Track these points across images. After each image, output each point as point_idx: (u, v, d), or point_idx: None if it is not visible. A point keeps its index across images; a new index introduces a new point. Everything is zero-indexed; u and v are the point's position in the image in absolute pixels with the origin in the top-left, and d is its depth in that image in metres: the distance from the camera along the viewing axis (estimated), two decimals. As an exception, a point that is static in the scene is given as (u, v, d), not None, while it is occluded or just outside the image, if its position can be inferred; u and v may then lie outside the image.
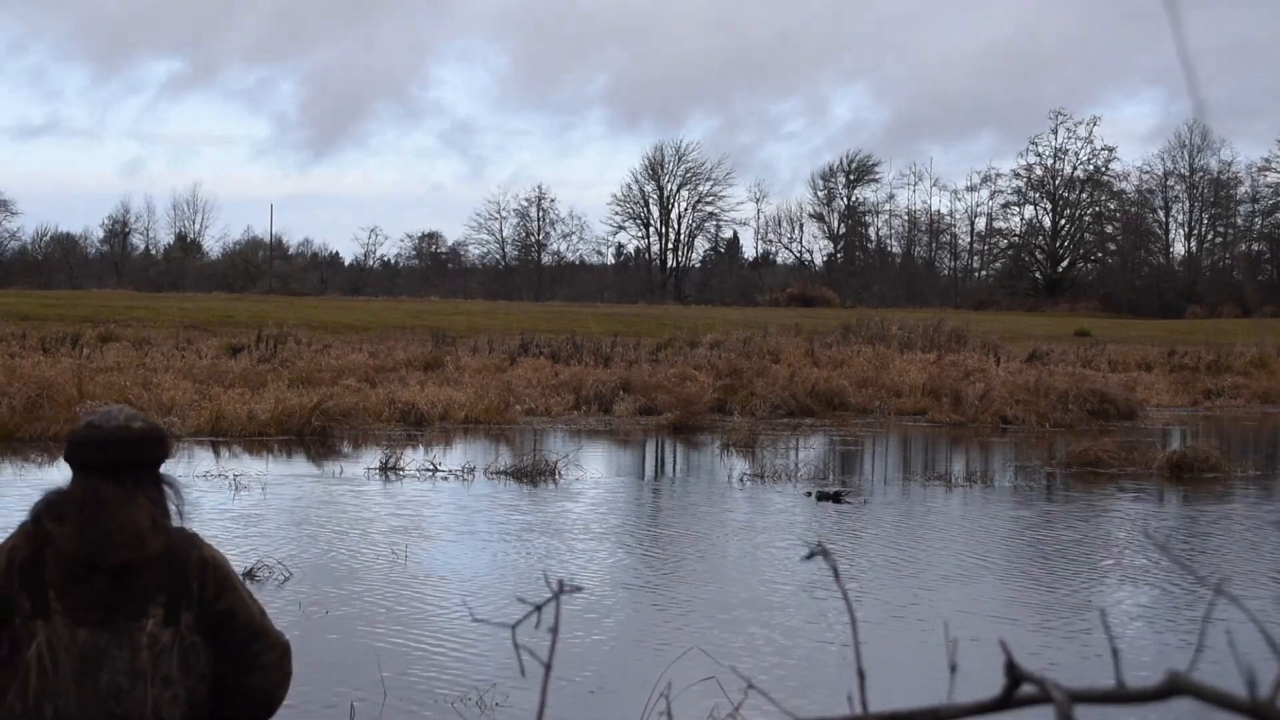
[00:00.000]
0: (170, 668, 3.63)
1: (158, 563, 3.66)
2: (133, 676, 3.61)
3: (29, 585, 3.64)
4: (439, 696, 7.08)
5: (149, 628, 3.65)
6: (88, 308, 47.02)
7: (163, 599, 3.66)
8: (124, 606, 3.65)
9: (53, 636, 3.62)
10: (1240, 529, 13.63)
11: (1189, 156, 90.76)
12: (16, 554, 3.66)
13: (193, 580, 3.69)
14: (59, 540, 3.62)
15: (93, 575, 3.62)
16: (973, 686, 1.95)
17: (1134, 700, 1.36)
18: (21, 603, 3.63)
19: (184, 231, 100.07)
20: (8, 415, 19.63)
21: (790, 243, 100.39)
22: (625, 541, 12.38)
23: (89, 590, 3.63)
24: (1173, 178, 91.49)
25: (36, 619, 3.63)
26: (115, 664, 3.62)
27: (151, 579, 3.66)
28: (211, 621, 3.66)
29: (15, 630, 3.61)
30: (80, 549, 3.60)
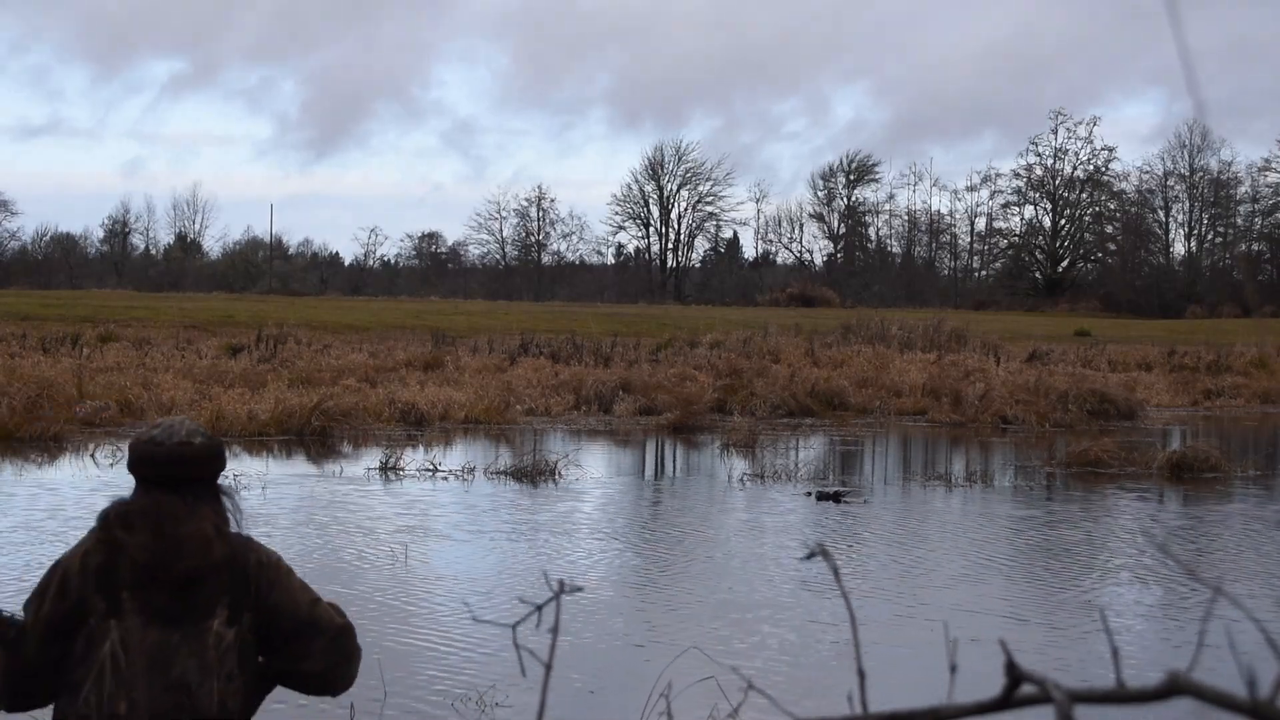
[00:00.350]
0: (233, 664, 3.91)
1: (222, 568, 3.94)
2: (201, 672, 3.88)
3: (103, 588, 3.89)
4: (439, 696, 7.08)
5: (215, 627, 3.93)
6: (88, 308, 47.02)
7: (226, 601, 3.93)
8: (192, 608, 3.92)
9: (125, 635, 3.88)
10: (1240, 529, 13.63)
11: (1189, 156, 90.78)
12: (90, 559, 3.92)
13: (252, 583, 3.98)
14: (131, 549, 3.88)
15: (164, 581, 3.89)
16: (973, 686, 1.95)
17: (1134, 700, 1.36)
18: (96, 604, 3.88)
19: (184, 231, 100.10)
20: (8, 415, 19.63)
21: (790, 243, 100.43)
22: (625, 541, 12.39)
23: (160, 594, 3.89)
24: (1173, 178, 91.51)
25: (110, 619, 3.88)
26: (184, 661, 3.89)
27: (216, 583, 3.93)
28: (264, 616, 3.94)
29: (90, 629, 3.86)
30: (152, 558, 3.87)
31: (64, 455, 17.96)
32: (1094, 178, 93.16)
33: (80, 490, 14.72)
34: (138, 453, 3.95)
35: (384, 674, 7.23)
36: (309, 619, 4.00)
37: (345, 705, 6.88)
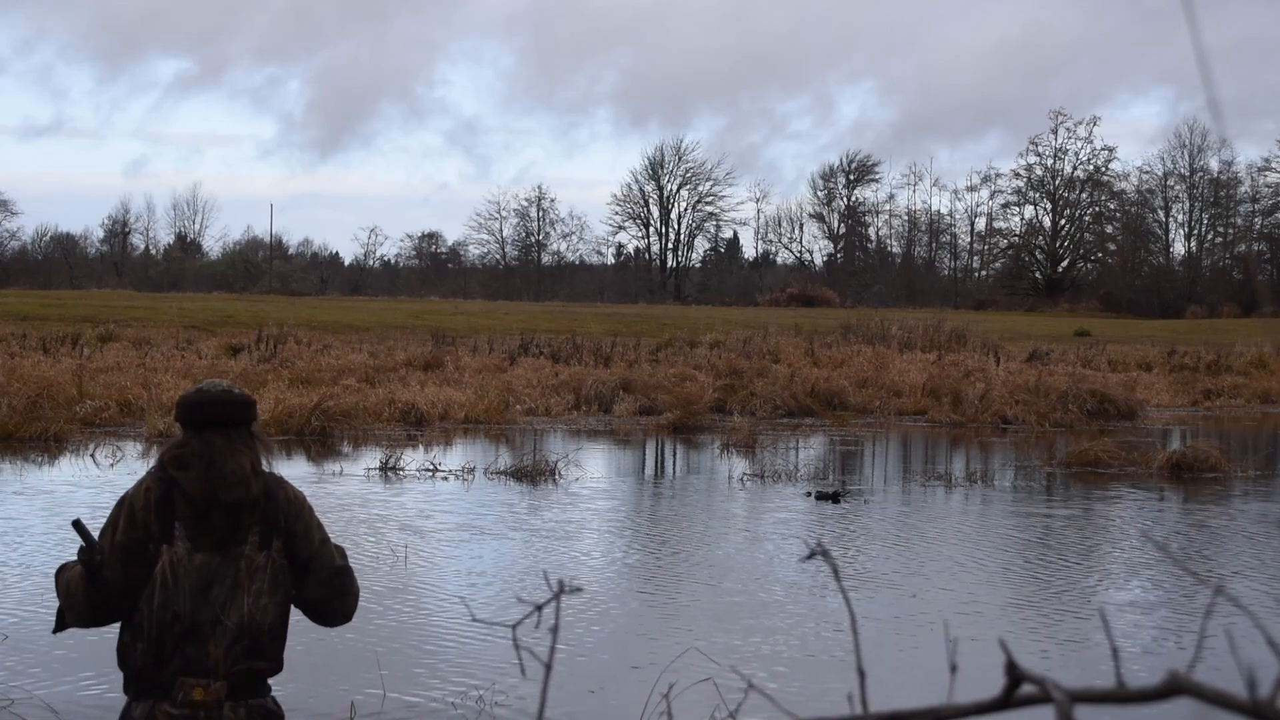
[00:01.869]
0: (263, 583, 4.57)
1: (258, 500, 4.61)
2: (235, 589, 4.55)
3: (160, 518, 4.60)
4: (439, 696, 7.07)
5: (247, 552, 4.58)
6: (88, 308, 47.02)
7: (258, 529, 4.60)
8: (231, 535, 4.58)
9: (175, 558, 4.57)
10: (1240, 529, 13.63)
11: (1189, 156, 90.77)
12: (151, 494, 4.62)
13: (280, 514, 4.65)
14: (185, 484, 4.58)
15: (211, 511, 4.58)
16: (973, 686, 1.95)
17: (1134, 700, 1.36)
18: (154, 531, 4.59)
19: (184, 231, 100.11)
20: (8, 415, 19.63)
21: (790, 243, 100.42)
22: (625, 541, 12.39)
23: (207, 523, 4.58)
24: (1172, 178, 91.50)
25: (163, 544, 4.58)
26: (223, 580, 4.56)
27: (252, 513, 4.60)
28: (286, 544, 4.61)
29: (149, 553, 4.57)
30: (203, 490, 4.56)
31: (64, 455, 17.96)
32: (1094, 178, 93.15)
33: (80, 490, 14.72)
34: (190, 400, 4.67)
35: (384, 673, 7.23)
36: (315, 554, 4.62)
37: (346, 704, 6.88)
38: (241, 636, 4.61)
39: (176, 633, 4.60)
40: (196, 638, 4.60)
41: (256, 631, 4.63)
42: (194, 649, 4.60)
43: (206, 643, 4.59)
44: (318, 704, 6.90)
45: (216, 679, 4.59)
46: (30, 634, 8.24)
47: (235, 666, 4.60)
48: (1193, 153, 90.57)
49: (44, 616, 8.72)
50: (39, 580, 9.87)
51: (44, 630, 8.32)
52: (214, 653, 4.60)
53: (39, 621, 8.58)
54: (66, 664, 7.53)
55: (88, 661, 7.55)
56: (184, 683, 4.58)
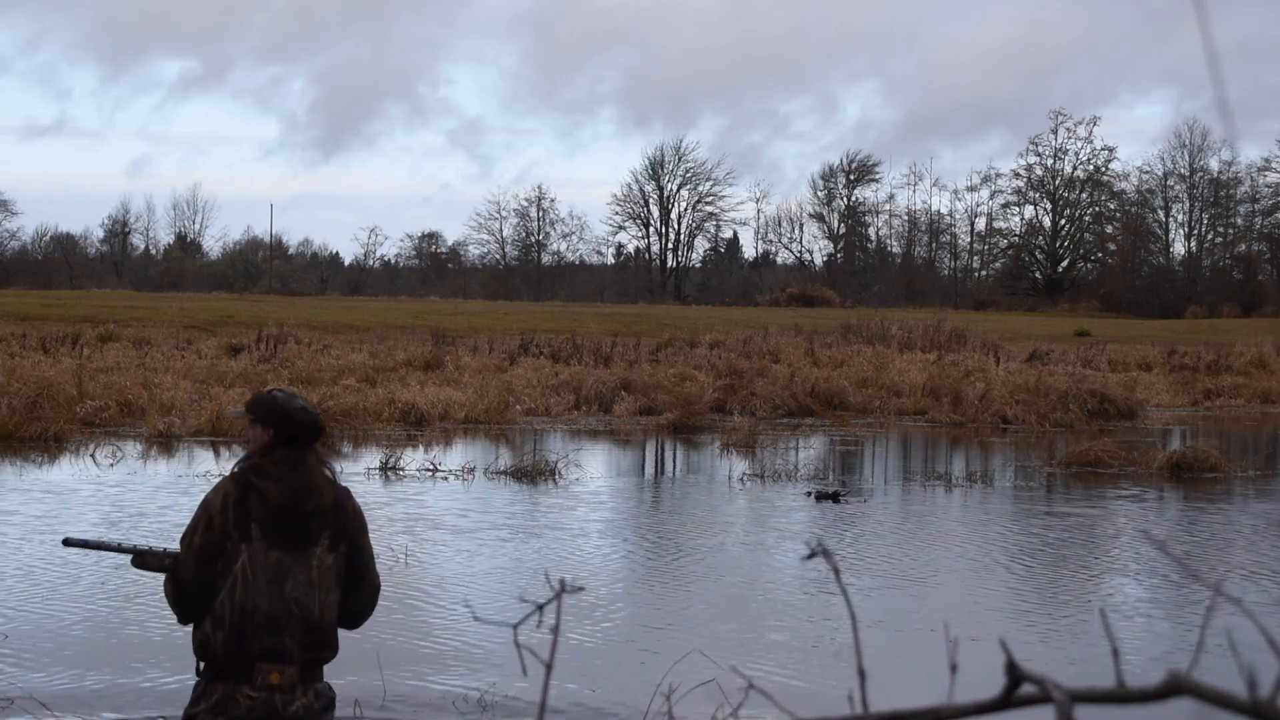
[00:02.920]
0: (331, 582, 5.10)
1: (331, 509, 5.13)
2: (307, 586, 5.07)
3: (238, 520, 5.05)
4: (440, 695, 7.08)
5: (319, 553, 5.11)
6: (88, 308, 47.02)
7: (329, 534, 5.12)
8: (304, 538, 5.10)
9: (252, 556, 5.03)
10: (1240, 529, 13.63)
11: (1189, 156, 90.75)
12: (229, 497, 5.08)
13: (349, 524, 5.18)
14: (266, 491, 5.07)
15: (287, 516, 5.07)
16: (973, 686, 1.95)
17: (1134, 700, 1.36)
18: (232, 532, 5.05)
19: (184, 231, 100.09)
20: (8, 415, 19.62)
21: (790, 243, 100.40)
22: (626, 541, 12.39)
23: (282, 525, 5.07)
24: (1172, 178, 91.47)
25: (241, 544, 5.04)
26: (296, 577, 5.06)
27: (324, 519, 5.12)
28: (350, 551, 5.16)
29: (227, 552, 5.02)
30: (283, 498, 5.07)
31: (64, 455, 17.96)
32: (1094, 178, 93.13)
33: (80, 491, 14.72)
34: (291, 415, 5.16)
35: (385, 673, 7.23)
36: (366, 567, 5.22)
37: (347, 704, 6.88)
38: (312, 629, 5.11)
39: (256, 623, 5.05)
40: (273, 628, 5.06)
41: (324, 625, 5.15)
42: (271, 638, 5.06)
43: (282, 633, 5.06)
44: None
45: (291, 665, 5.07)
46: (30, 634, 8.23)
47: (307, 655, 5.10)
48: (1193, 153, 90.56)
49: (45, 617, 8.72)
50: (39, 580, 9.87)
51: (44, 631, 8.32)
52: (289, 642, 5.08)
53: (39, 622, 8.58)
54: (66, 664, 7.53)
55: (87, 662, 7.55)
56: (262, 668, 5.04)
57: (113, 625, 8.49)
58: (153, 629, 8.33)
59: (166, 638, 7.91)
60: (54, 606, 9.02)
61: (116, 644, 7.92)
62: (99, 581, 9.76)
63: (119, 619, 8.65)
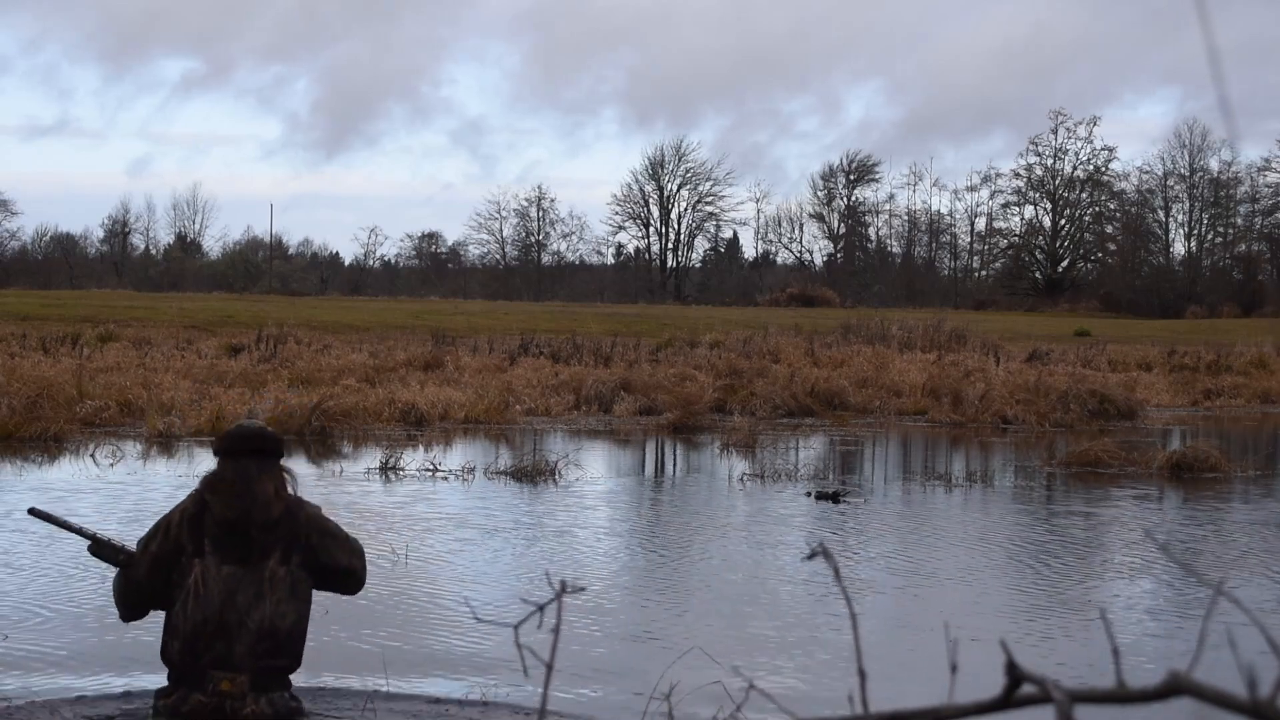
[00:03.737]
0: (283, 592, 5.41)
1: (280, 521, 5.45)
2: (258, 598, 5.37)
3: (193, 534, 5.43)
4: (441, 695, 7.07)
5: (270, 565, 5.42)
6: (88, 308, 47.03)
7: (280, 546, 5.44)
8: (255, 551, 5.41)
9: (205, 570, 5.38)
10: (1240, 529, 13.63)
11: (1189, 156, 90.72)
12: (186, 513, 5.49)
13: (301, 531, 5.51)
14: (215, 506, 5.42)
15: (238, 529, 5.40)
16: (973, 686, 1.96)
17: (1134, 700, 1.37)
18: (186, 545, 5.43)
19: (184, 231, 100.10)
20: (8, 415, 19.62)
21: (790, 243, 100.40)
22: (626, 541, 12.39)
23: (233, 540, 5.39)
24: (1172, 178, 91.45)
25: (195, 557, 5.40)
26: (247, 589, 5.36)
27: (275, 533, 5.43)
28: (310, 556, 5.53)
29: (182, 564, 5.43)
30: (231, 513, 5.40)
31: (64, 455, 17.97)
32: (1094, 178, 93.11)
33: (80, 491, 14.72)
34: (229, 433, 5.65)
35: (387, 672, 7.23)
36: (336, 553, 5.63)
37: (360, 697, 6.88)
38: (263, 638, 5.37)
39: (207, 633, 5.34)
40: (224, 637, 5.34)
41: (275, 634, 5.39)
42: (222, 647, 5.34)
43: (233, 642, 5.34)
44: (326, 700, 6.90)
45: (242, 673, 5.33)
46: (30, 634, 8.24)
47: (258, 663, 5.36)
48: (1193, 153, 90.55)
49: (45, 617, 8.72)
50: (39, 580, 9.87)
51: (44, 631, 8.32)
52: (239, 651, 5.35)
53: (39, 622, 8.58)
54: (66, 664, 7.53)
55: (87, 662, 7.55)
56: (214, 675, 5.34)
57: (111, 625, 8.50)
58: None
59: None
60: (52, 606, 9.02)
61: (114, 642, 7.92)
62: (100, 578, 9.76)
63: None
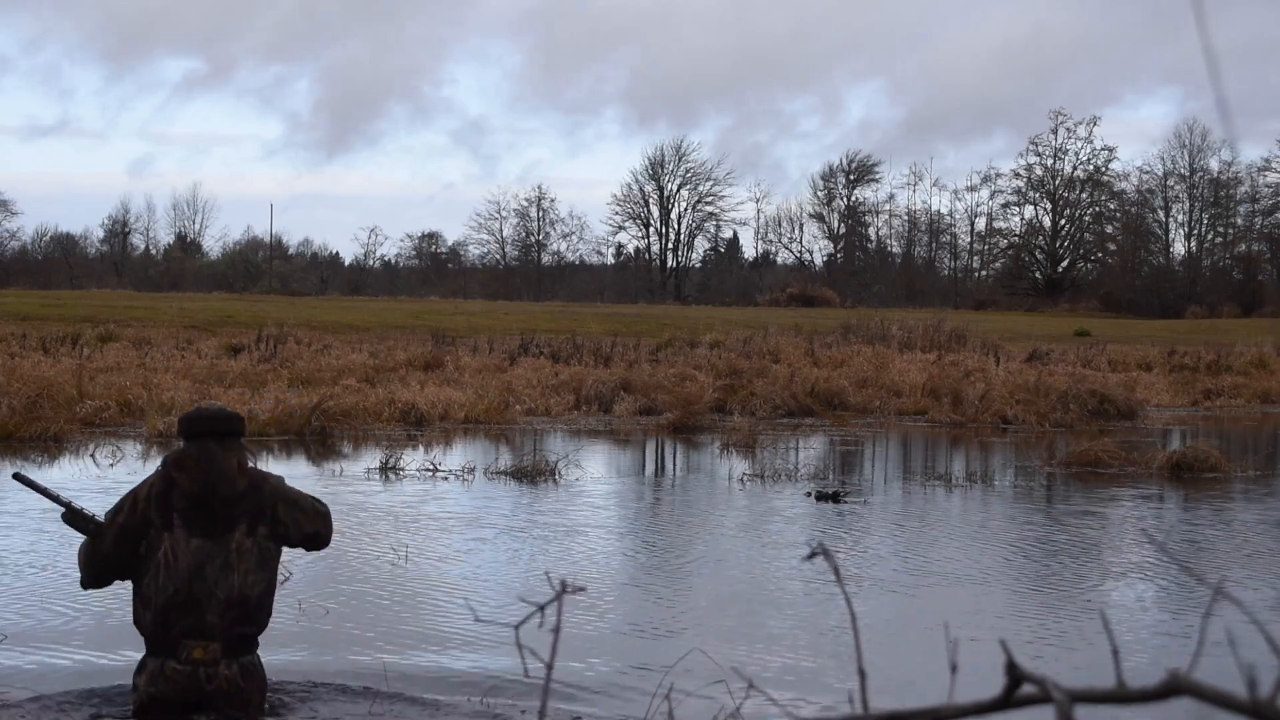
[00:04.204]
0: (250, 563, 5.74)
1: (244, 495, 5.76)
2: (226, 568, 5.69)
3: (160, 509, 5.74)
4: (441, 695, 7.08)
5: (237, 537, 5.74)
6: (88, 308, 47.04)
7: (246, 518, 5.76)
8: (221, 524, 5.72)
9: (174, 543, 5.68)
10: (1240, 529, 13.63)
11: (1189, 156, 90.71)
12: (153, 489, 5.81)
13: (265, 503, 5.82)
14: (182, 483, 5.73)
15: (204, 504, 5.71)
16: (973, 686, 1.96)
17: (1134, 700, 1.37)
18: (155, 520, 5.73)
19: (184, 232, 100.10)
20: (8, 415, 19.62)
21: (790, 243, 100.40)
22: (626, 541, 12.39)
23: (200, 514, 5.70)
24: (1172, 178, 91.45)
25: (164, 531, 5.71)
26: (215, 560, 5.67)
27: (239, 506, 5.74)
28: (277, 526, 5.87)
29: (151, 537, 5.73)
30: (197, 488, 5.71)
31: (64, 455, 17.97)
32: (1094, 178, 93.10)
33: (80, 491, 14.72)
34: (189, 416, 5.94)
35: (386, 672, 7.24)
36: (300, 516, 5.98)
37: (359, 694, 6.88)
38: (232, 607, 5.66)
39: (178, 604, 5.61)
40: (195, 608, 5.61)
41: (245, 602, 5.69)
42: (194, 617, 5.61)
43: (204, 612, 5.62)
44: (329, 699, 6.90)
45: (214, 641, 5.61)
46: (31, 635, 8.24)
47: (228, 631, 5.65)
48: (1193, 153, 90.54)
49: (46, 617, 8.72)
50: (39, 582, 9.88)
51: (44, 631, 8.32)
52: (210, 620, 5.62)
53: (39, 621, 8.58)
54: (66, 664, 7.53)
55: (86, 661, 7.55)
56: (187, 644, 5.62)
57: (113, 624, 8.50)
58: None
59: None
60: (52, 607, 9.02)
61: (117, 642, 7.92)
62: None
63: (118, 623, 8.65)
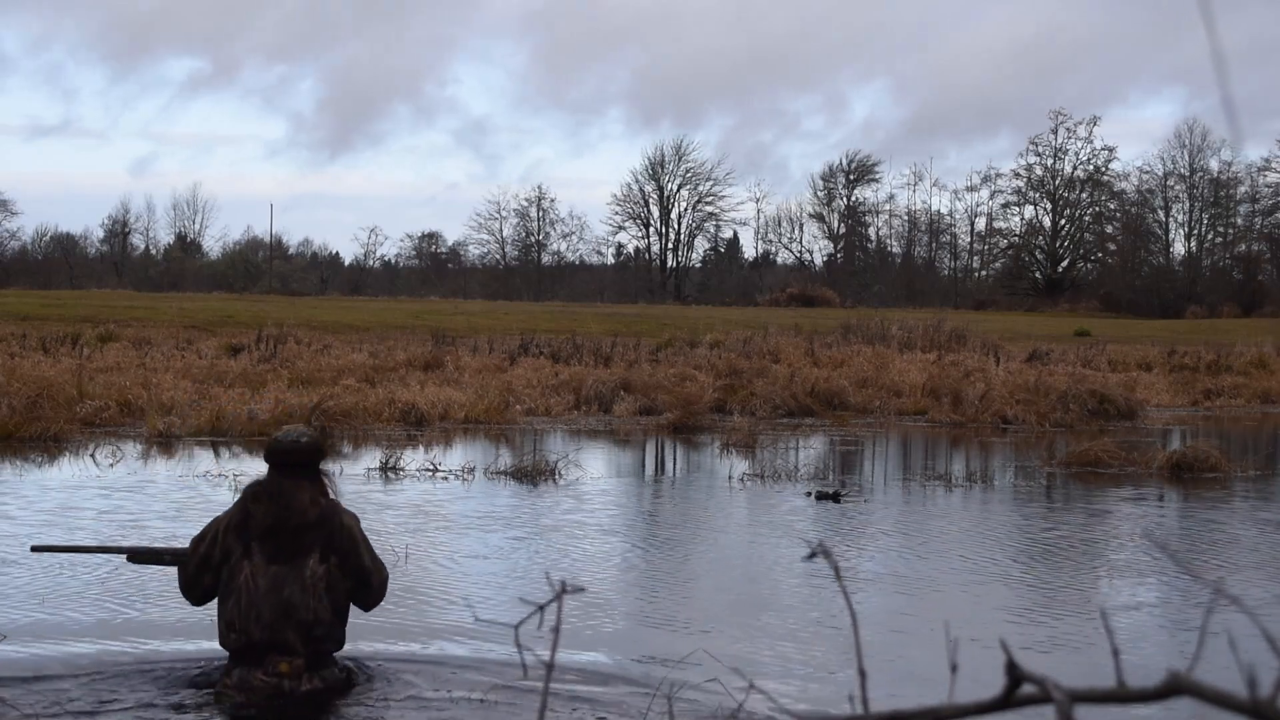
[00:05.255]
0: (322, 589, 6.32)
1: (315, 525, 6.32)
2: (302, 593, 6.27)
3: (239, 539, 6.34)
4: (441, 695, 7.07)
5: (310, 564, 6.31)
6: (88, 308, 47.04)
7: (318, 548, 6.33)
8: (295, 552, 6.30)
9: (253, 570, 6.26)
10: (1240, 529, 13.63)
11: (1189, 156, 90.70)
12: (232, 520, 6.38)
13: (336, 537, 6.38)
14: (256, 514, 6.31)
15: (278, 534, 6.27)
16: (973, 686, 1.96)
17: (1134, 700, 1.37)
18: (234, 549, 6.34)
19: (184, 232, 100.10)
20: (8, 415, 19.62)
21: (790, 243, 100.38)
22: (626, 541, 12.39)
23: (275, 542, 6.27)
24: (1172, 178, 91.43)
25: (244, 559, 6.29)
26: (290, 586, 6.25)
27: (312, 535, 6.31)
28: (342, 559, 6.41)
29: (232, 565, 6.33)
30: (270, 519, 6.28)
31: (64, 455, 17.97)
32: (1094, 178, 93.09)
33: (80, 492, 14.72)
34: (269, 448, 6.49)
35: (389, 674, 7.23)
36: (365, 571, 6.55)
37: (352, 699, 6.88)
38: (310, 627, 6.25)
39: (262, 624, 6.21)
40: (278, 627, 6.20)
41: (320, 623, 6.29)
42: (277, 635, 6.21)
43: (286, 631, 6.22)
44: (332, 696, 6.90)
45: (298, 657, 6.22)
46: (30, 635, 8.24)
47: (309, 648, 6.24)
48: (1193, 153, 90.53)
49: (45, 617, 8.72)
50: (40, 580, 9.88)
51: (45, 631, 8.32)
52: (292, 638, 6.22)
53: (37, 622, 8.58)
54: (64, 667, 7.53)
55: (85, 665, 7.55)
56: (272, 658, 6.21)
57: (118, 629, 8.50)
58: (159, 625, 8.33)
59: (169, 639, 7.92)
60: (50, 607, 9.02)
61: (124, 645, 7.92)
62: (99, 580, 9.76)
63: (123, 622, 8.65)
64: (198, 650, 7.45)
